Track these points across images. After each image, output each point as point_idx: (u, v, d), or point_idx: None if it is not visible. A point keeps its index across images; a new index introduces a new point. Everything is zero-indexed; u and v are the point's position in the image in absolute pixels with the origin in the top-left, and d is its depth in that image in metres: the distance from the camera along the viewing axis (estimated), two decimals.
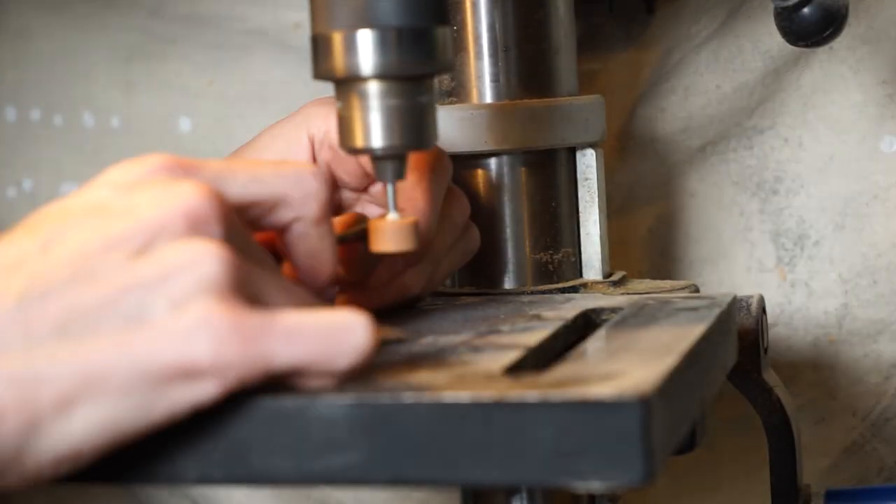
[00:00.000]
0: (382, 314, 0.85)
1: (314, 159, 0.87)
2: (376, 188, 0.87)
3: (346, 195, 0.89)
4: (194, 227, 0.64)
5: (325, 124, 0.86)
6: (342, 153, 0.84)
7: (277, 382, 0.65)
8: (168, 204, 0.64)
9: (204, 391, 0.62)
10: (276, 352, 0.63)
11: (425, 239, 0.82)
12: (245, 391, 0.65)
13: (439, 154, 0.85)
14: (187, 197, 0.64)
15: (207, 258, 0.63)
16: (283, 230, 0.72)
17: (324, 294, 0.75)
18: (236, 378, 0.62)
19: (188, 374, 0.62)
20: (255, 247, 0.69)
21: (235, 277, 0.63)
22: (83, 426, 0.62)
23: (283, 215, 0.71)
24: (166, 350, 0.61)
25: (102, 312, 0.62)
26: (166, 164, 0.68)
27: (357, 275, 0.83)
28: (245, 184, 0.70)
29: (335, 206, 0.88)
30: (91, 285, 0.62)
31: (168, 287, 0.62)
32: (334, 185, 0.88)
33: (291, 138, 0.87)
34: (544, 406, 0.62)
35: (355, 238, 0.81)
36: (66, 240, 0.64)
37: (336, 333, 0.64)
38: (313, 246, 0.73)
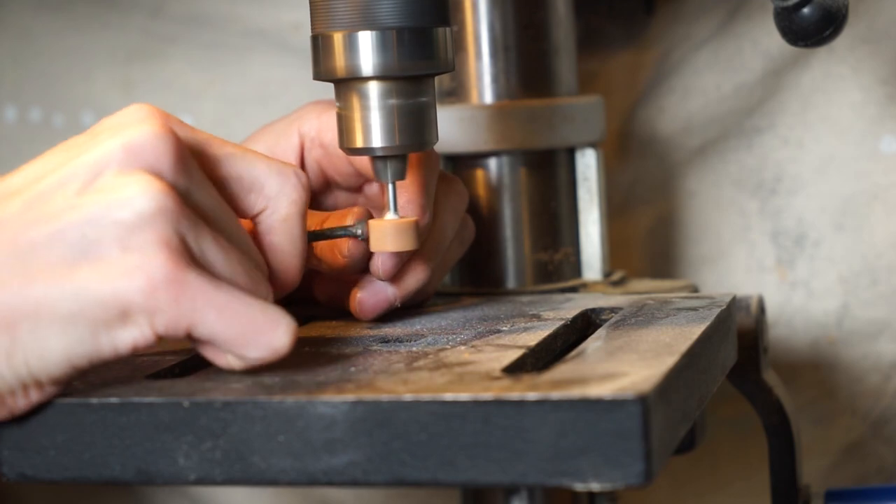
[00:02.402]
0: (386, 314, 0.85)
1: (302, 157, 0.87)
2: (371, 189, 0.87)
3: (342, 197, 0.89)
4: (138, 160, 0.67)
5: (317, 123, 0.86)
6: (333, 152, 0.84)
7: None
8: (117, 138, 0.68)
9: (140, 333, 0.66)
10: (203, 317, 0.66)
11: (423, 228, 0.82)
12: (251, 394, 0.66)
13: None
14: (137, 132, 0.68)
15: (144, 193, 0.66)
16: (254, 220, 0.73)
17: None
18: (163, 326, 0.66)
19: (122, 311, 0.65)
20: (211, 199, 0.70)
21: (173, 216, 0.66)
22: (36, 353, 0.65)
23: (256, 202, 0.73)
24: (105, 285, 0.65)
25: (50, 244, 0.66)
26: (158, 111, 0.71)
27: (354, 269, 0.83)
28: (229, 154, 0.72)
29: (331, 208, 0.88)
30: (41, 220, 0.66)
31: (110, 220, 0.65)
32: (327, 186, 0.88)
33: (282, 133, 0.87)
34: (544, 406, 0.62)
35: (329, 236, 0.80)
36: (30, 177, 0.69)
37: (262, 325, 0.67)
38: (278, 242, 0.74)
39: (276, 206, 0.73)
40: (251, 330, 0.67)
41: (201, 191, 0.69)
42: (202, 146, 0.71)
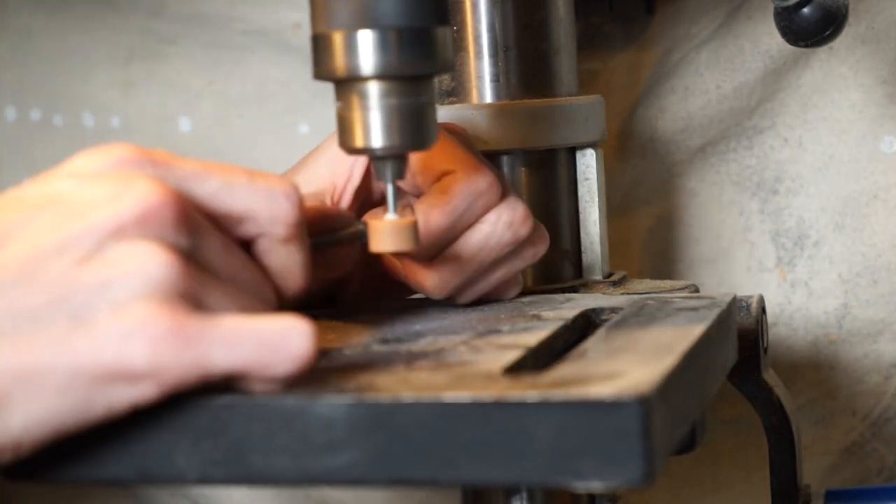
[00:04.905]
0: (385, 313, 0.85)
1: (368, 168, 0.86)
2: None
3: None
4: (147, 229, 0.64)
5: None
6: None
7: (221, 386, 0.65)
8: (123, 204, 0.64)
9: (142, 392, 0.63)
10: (213, 357, 0.63)
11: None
12: (253, 395, 0.66)
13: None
14: (143, 197, 0.64)
15: (153, 265, 0.63)
16: (252, 242, 0.71)
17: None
18: (174, 381, 0.63)
19: (126, 376, 0.62)
20: (215, 247, 0.67)
21: (180, 284, 0.63)
22: (22, 420, 0.62)
23: (249, 230, 0.70)
24: (104, 352, 0.62)
25: (45, 312, 0.62)
26: (135, 156, 0.67)
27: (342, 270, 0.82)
28: (215, 191, 0.68)
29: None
30: (37, 287, 0.63)
31: (111, 290, 0.62)
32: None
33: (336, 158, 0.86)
34: (544, 406, 0.62)
35: (329, 243, 0.79)
36: (20, 237, 0.64)
37: (275, 340, 0.64)
38: (279, 263, 0.71)
39: (271, 232, 0.70)
40: (265, 349, 0.64)
41: (205, 243, 0.67)
42: (188, 188, 0.68)
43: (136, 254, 0.63)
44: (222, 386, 0.67)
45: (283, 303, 0.73)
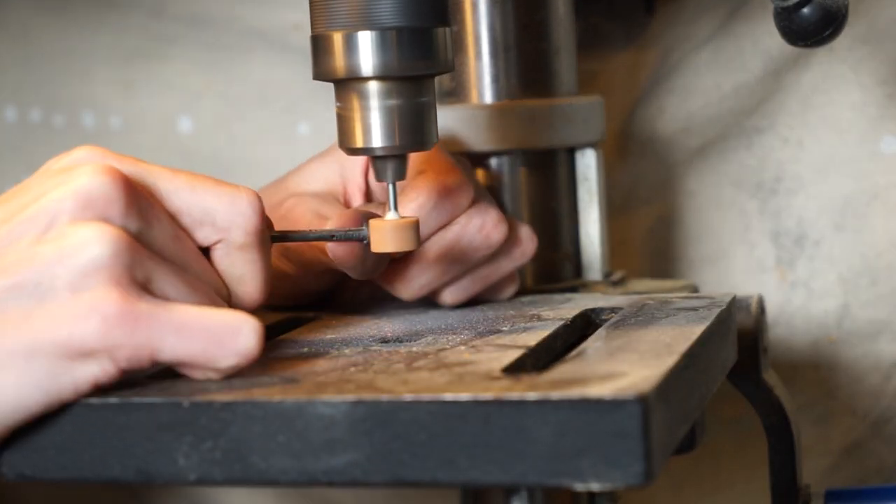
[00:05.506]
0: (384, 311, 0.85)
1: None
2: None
3: None
4: (94, 210, 0.67)
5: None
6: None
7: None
8: (70, 186, 0.67)
9: (102, 369, 0.66)
10: (162, 342, 0.66)
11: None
12: (251, 394, 0.66)
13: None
14: (89, 179, 0.67)
15: (97, 239, 0.66)
16: (211, 249, 0.73)
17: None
18: (125, 360, 0.66)
19: (82, 352, 0.65)
20: (165, 234, 0.70)
21: (126, 259, 0.66)
22: None
23: (209, 235, 0.72)
24: (60, 329, 0.65)
25: (7, 297, 0.66)
26: (99, 153, 0.71)
27: (358, 272, 0.82)
28: (177, 188, 0.71)
29: None
30: None
31: (64, 268, 0.65)
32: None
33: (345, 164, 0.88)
34: (544, 406, 0.62)
35: (325, 240, 0.79)
36: None
37: (222, 334, 0.67)
38: (236, 270, 0.73)
39: (230, 237, 0.72)
40: (213, 342, 0.67)
41: (154, 229, 0.69)
42: (151, 182, 0.71)
43: (81, 232, 0.66)
44: (221, 385, 0.67)
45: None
